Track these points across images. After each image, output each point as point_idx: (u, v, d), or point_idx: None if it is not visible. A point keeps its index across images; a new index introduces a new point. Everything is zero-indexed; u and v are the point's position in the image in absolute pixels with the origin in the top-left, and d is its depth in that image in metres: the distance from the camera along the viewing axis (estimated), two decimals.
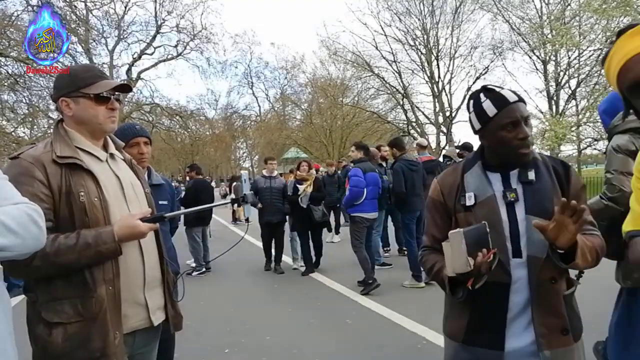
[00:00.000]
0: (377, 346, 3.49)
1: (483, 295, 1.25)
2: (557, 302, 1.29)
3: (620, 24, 16.65)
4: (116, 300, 1.36)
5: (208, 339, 3.86)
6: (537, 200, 1.30)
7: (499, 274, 1.26)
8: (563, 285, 1.33)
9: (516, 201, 1.31)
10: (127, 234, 1.35)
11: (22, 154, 1.36)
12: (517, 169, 1.35)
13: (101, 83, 1.44)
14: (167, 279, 1.56)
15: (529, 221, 1.25)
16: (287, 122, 33.17)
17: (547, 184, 1.33)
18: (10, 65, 16.18)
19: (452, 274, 1.20)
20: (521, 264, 1.28)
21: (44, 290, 1.34)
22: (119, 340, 1.35)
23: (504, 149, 1.31)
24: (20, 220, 1.09)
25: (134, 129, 2.41)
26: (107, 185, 1.42)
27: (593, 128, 19.41)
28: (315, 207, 6.07)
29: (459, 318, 1.37)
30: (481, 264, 1.17)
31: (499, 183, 1.35)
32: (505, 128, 1.29)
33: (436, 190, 1.44)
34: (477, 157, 1.42)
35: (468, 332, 1.34)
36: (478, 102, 1.34)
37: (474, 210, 1.32)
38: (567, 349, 1.29)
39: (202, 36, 24.67)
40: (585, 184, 1.41)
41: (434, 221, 1.45)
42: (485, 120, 1.32)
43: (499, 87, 1.37)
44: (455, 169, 1.45)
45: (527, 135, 1.29)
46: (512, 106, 1.29)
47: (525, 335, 1.30)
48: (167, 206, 2.57)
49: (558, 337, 1.28)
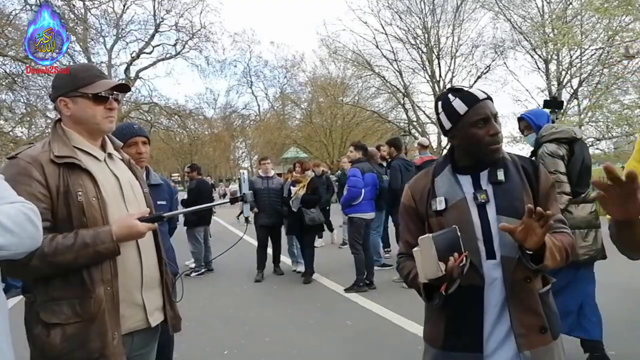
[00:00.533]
0: (378, 347, 3.48)
1: (458, 299, 1.25)
2: (533, 301, 1.29)
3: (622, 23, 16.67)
4: (114, 301, 1.35)
5: (207, 340, 3.84)
6: (508, 201, 1.30)
7: (472, 276, 1.26)
8: (538, 283, 1.33)
9: (487, 202, 1.31)
10: (126, 233, 1.34)
11: (20, 153, 1.36)
12: (486, 169, 1.35)
13: (99, 83, 1.44)
14: (166, 280, 1.56)
15: (501, 222, 1.26)
16: (286, 121, 33.16)
17: (517, 183, 1.33)
18: (8, 64, 16.19)
19: (424, 280, 1.19)
20: (495, 265, 1.28)
21: (42, 290, 1.33)
22: (117, 341, 1.34)
23: (475, 146, 1.31)
24: (16, 219, 1.09)
25: (132, 129, 2.40)
26: (105, 185, 1.41)
27: (595, 128, 19.41)
28: (307, 210, 5.76)
29: (437, 323, 1.37)
30: (453, 269, 1.16)
31: (469, 185, 1.35)
32: (476, 125, 1.29)
33: (407, 196, 1.44)
34: (447, 160, 1.42)
35: (446, 338, 1.34)
36: (448, 102, 1.34)
37: (446, 214, 1.32)
38: (547, 348, 1.29)
39: (201, 35, 24.68)
40: (554, 182, 1.42)
41: (407, 227, 1.45)
42: (456, 119, 1.32)
43: (467, 87, 1.37)
44: (427, 173, 1.45)
45: (498, 131, 1.31)
46: (481, 103, 1.30)
47: (504, 336, 1.29)
48: (166, 206, 2.56)
49: (537, 336, 1.28)
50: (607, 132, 18.89)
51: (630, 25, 16.36)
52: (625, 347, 3.15)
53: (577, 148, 2.89)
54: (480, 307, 1.29)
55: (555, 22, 19.19)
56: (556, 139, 2.87)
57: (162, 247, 1.57)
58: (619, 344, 3.19)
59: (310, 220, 5.74)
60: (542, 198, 1.34)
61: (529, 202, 1.28)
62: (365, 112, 27.74)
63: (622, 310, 3.78)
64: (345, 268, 6.09)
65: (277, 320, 4.36)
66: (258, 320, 4.35)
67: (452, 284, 1.20)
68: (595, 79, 19.40)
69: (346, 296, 5.00)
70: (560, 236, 1.31)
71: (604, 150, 21.19)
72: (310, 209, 5.79)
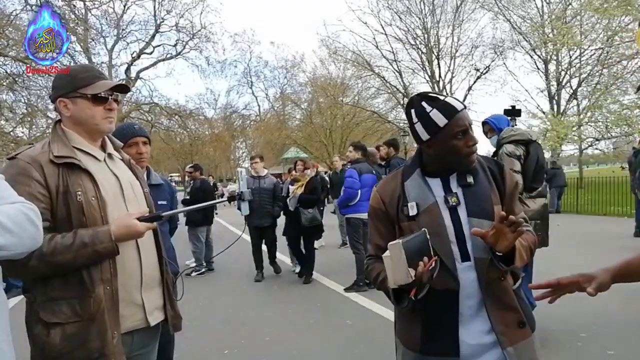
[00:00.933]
0: (378, 347, 3.48)
1: (433, 303, 1.26)
2: (509, 298, 1.32)
3: (622, 23, 16.67)
4: (114, 300, 1.35)
5: (207, 340, 3.85)
6: (478, 203, 1.32)
7: (447, 281, 1.26)
8: (510, 280, 1.36)
9: (458, 205, 1.32)
10: (124, 233, 1.34)
11: (20, 154, 1.36)
12: (455, 172, 1.36)
13: (99, 83, 1.43)
14: (167, 279, 1.55)
15: (472, 224, 1.28)
16: (286, 121, 33.15)
17: (485, 185, 1.35)
18: (9, 64, 16.21)
19: (394, 286, 1.19)
20: (470, 266, 1.29)
21: (41, 290, 1.33)
22: (117, 340, 1.34)
23: (453, 156, 1.31)
24: (16, 220, 1.09)
25: (133, 129, 2.39)
26: (105, 185, 1.41)
27: (594, 128, 19.42)
28: (304, 210, 5.61)
29: (413, 327, 1.36)
30: (422, 274, 1.16)
31: (440, 188, 1.35)
32: (456, 137, 1.29)
33: (376, 199, 1.44)
34: (416, 164, 1.41)
35: (423, 342, 1.33)
36: (424, 112, 1.30)
37: (418, 219, 1.32)
38: (527, 342, 1.30)
39: (202, 35, 24.72)
40: (518, 182, 1.46)
41: (377, 230, 1.44)
42: (435, 131, 1.30)
43: (439, 94, 1.36)
44: (394, 176, 1.45)
45: (476, 142, 1.32)
46: (460, 114, 1.29)
47: (484, 337, 1.29)
48: (167, 206, 2.56)
49: (517, 331, 1.29)
50: (606, 132, 18.90)
51: (630, 26, 16.37)
52: (625, 347, 3.16)
53: (532, 149, 3.31)
54: (455, 311, 1.29)
55: (554, 22, 19.21)
56: (514, 140, 3.29)
57: (163, 246, 1.57)
58: (619, 344, 3.20)
59: (307, 221, 5.59)
60: (507, 197, 1.38)
61: (497, 203, 1.33)
62: (365, 113, 27.75)
63: (621, 310, 3.78)
64: (345, 268, 6.09)
65: (277, 320, 4.36)
66: (258, 320, 4.35)
67: (421, 288, 1.20)
68: (595, 79, 19.42)
69: (346, 296, 5.00)
70: (525, 235, 1.33)
71: (604, 151, 21.20)
72: (308, 209, 5.65)
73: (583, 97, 20.35)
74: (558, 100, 21.30)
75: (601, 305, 2.92)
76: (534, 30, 20.56)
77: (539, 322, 1.42)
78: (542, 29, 20.22)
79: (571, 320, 3.67)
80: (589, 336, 3.38)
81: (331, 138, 27.76)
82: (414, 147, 8.63)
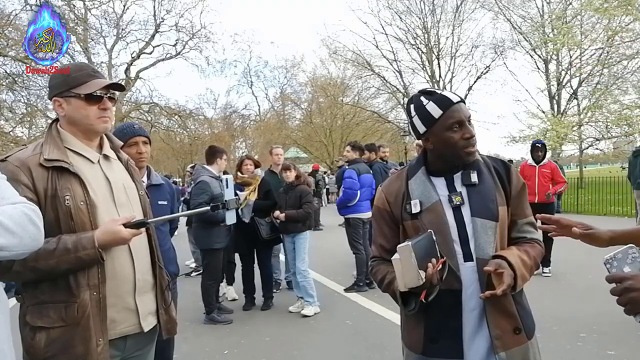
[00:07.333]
0: (378, 347, 3.48)
1: (436, 304, 1.24)
2: (507, 302, 1.30)
3: (622, 23, 16.66)
4: (101, 307, 1.32)
5: (207, 340, 3.84)
6: (482, 202, 1.31)
7: (450, 280, 1.26)
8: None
9: (462, 204, 1.31)
10: (109, 239, 1.30)
11: (10, 156, 1.34)
12: (460, 172, 1.35)
13: (92, 82, 1.40)
14: (161, 283, 1.52)
15: (475, 224, 1.27)
16: (286, 121, 33.11)
17: (490, 185, 1.34)
18: (8, 64, 16.17)
19: (404, 289, 1.18)
20: (473, 267, 1.28)
21: (30, 293, 1.32)
22: (102, 348, 1.31)
23: (450, 149, 1.31)
24: (18, 220, 1.08)
25: (133, 129, 2.39)
26: (95, 189, 1.38)
27: (595, 128, 19.40)
28: (260, 221, 4.58)
29: (416, 329, 1.36)
30: (432, 276, 1.16)
31: (444, 187, 1.35)
32: (452, 128, 1.29)
33: (381, 199, 1.43)
34: (420, 162, 1.41)
35: (426, 344, 1.33)
36: (421, 105, 1.31)
37: (421, 217, 1.31)
38: (520, 348, 1.29)
39: (201, 35, 24.59)
40: (525, 183, 1.43)
41: (381, 231, 1.43)
42: (431, 123, 1.30)
43: (437, 89, 1.36)
44: (399, 175, 1.44)
45: (473, 134, 1.30)
46: (456, 106, 1.29)
47: (481, 339, 1.29)
48: (167, 206, 2.56)
49: (511, 337, 1.28)
50: (606, 132, 18.89)
51: (630, 25, 16.37)
52: (625, 347, 3.16)
53: None
54: (459, 311, 1.29)
55: (555, 22, 19.20)
56: None
57: (157, 250, 1.54)
58: (619, 344, 3.19)
59: (267, 233, 4.60)
60: (514, 199, 1.37)
61: (503, 204, 1.33)
62: (365, 112, 27.73)
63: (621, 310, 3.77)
64: (345, 268, 6.09)
65: (277, 320, 4.36)
66: (258, 320, 4.35)
67: (432, 290, 1.20)
68: (595, 79, 19.40)
69: (346, 296, 5.00)
70: (529, 248, 1.33)
71: (604, 151, 21.19)
72: (265, 218, 4.63)
73: (583, 97, 20.33)
74: (558, 100, 21.29)
75: (601, 305, 2.92)
76: (534, 30, 20.54)
77: (539, 322, 1.41)
78: (542, 28, 20.21)
79: (571, 320, 3.68)
80: (589, 336, 3.38)
81: (331, 138, 27.73)
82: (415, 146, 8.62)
